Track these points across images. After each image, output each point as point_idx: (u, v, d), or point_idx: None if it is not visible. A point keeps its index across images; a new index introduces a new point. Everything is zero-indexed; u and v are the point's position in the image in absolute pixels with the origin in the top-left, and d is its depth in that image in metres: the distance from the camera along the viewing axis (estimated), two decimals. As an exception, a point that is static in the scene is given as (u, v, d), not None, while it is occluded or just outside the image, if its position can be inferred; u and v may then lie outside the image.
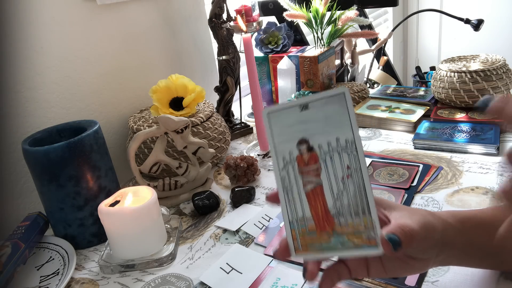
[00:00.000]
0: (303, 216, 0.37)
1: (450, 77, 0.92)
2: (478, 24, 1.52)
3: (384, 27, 2.40)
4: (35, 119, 0.75)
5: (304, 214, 0.37)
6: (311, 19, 1.14)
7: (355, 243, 0.36)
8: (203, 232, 0.67)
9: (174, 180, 0.77)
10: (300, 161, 0.37)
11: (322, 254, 0.37)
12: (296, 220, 0.37)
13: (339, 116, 0.36)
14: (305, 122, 0.36)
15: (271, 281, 0.53)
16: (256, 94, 0.86)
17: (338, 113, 0.36)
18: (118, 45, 0.90)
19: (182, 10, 1.06)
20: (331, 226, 0.37)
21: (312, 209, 0.37)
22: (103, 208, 0.59)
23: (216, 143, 0.86)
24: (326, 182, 0.37)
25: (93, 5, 0.83)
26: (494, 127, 0.82)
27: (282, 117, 0.37)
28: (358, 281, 0.51)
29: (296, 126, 0.37)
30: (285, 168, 0.37)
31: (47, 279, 0.59)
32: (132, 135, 0.84)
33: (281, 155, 0.37)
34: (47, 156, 0.61)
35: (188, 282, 0.56)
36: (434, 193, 0.67)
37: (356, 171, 0.36)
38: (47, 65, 0.77)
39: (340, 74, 1.26)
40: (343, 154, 0.36)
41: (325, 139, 0.36)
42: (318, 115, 0.36)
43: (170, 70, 1.04)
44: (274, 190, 0.39)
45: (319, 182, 0.37)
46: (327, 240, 0.37)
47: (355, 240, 0.36)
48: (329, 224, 0.37)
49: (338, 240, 0.36)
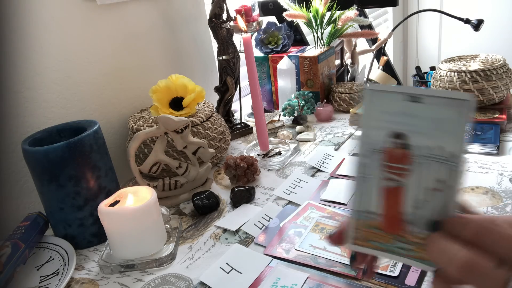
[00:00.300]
0: (373, 210, 0.34)
1: (450, 77, 0.92)
2: (478, 24, 1.52)
3: (384, 27, 2.40)
4: (35, 119, 0.75)
5: (375, 209, 0.34)
6: (311, 19, 1.14)
7: (418, 255, 0.33)
8: (203, 232, 0.67)
9: (174, 180, 0.77)
10: (389, 154, 0.33)
11: (379, 252, 0.35)
12: (364, 212, 0.34)
13: (453, 123, 0.31)
14: (410, 116, 0.32)
15: (271, 281, 0.53)
16: (256, 94, 0.86)
17: (453, 120, 0.31)
18: (118, 45, 0.90)
19: (182, 10, 1.06)
20: (400, 230, 0.34)
21: (385, 207, 0.34)
22: (103, 208, 0.59)
23: (216, 143, 0.86)
24: (412, 186, 0.33)
25: (93, 5, 0.83)
26: (494, 127, 0.82)
27: (385, 100, 0.32)
28: (358, 281, 0.51)
29: (397, 116, 0.32)
30: (370, 156, 0.33)
31: (47, 279, 0.59)
32: (132, 135, 0.84)
33: (369, 141, 0.33)
34: (47, 156, 0.61)
35: (188, 282, 0.56)
36: (434, 193, 0.67)
37: (449, 188, 0.31)
38: (47, 65, 0.77)
39: (340, 74, 1.26)
40: (442, 166, 0.31)
41: (427, 142, 0.32)
42: (429, 113, 0.31)
43: (170, 70, 1.04)
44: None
45: (403, 183, 0.33)
46: (390, 242, 0.34)
47: (419, 252, 0.33)
48: (398, 228, 0.34)
49: (402, 245, 0.33)
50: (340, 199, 0.69)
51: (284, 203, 0.71)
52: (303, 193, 0.73)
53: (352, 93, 1.08)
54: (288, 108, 1.03)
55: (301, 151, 0.91)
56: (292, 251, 0.58)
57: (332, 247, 0.57)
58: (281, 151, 0.89)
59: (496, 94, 0.88)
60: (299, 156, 0.88)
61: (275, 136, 1.01)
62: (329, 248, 0.57)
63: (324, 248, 0.58)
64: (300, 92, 1.04)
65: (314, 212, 0.66)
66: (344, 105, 1.09)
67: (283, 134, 0.98)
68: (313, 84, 1.11)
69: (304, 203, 0.69)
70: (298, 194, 0.73)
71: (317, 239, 0.60)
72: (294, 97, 1.04)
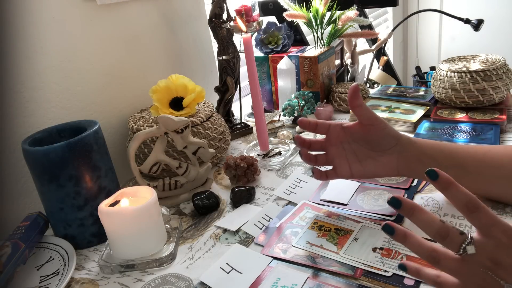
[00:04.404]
0: None
1: (450, 77, 0.92)
2: (478, 24, 1.52)
3: (384, 27, 2.40)
4: (35, 119, 0.75)
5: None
6: (311, 19, 1.14)
7: None
8: (203, 232, 0.67)
9: (174, 180, 0.77)
10: None
11: None
12: None
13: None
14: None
15: (271, 281, 0.53)
16: (256, 94, 0.86)
17: None
18: (118, 45, 0.90)
19: (182, 10, 1.06)
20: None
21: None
22: (103, 208, 0.59)
23: (216, 143, 0.86)
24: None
25: (93, 5, 0.83)
26: (494, 127, 0.82)
27: None
28: (358, 281, 0.51)
29: None
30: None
31: (47, 279, 0.59)
32: (132, 135, 0.84)
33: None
34: (47, 156, 0.61)
35: (188, 282, 0.56)
36: (434, 193, 0.67)
37: None
38: (47, 65, 0.77)
39: (340, 74, 1.26)
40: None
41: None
42: None
43: (170, 70, 1.04)
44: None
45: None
46: None
47: None
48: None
49: None
50: (340, 199, 0.69)
51: (284, 203, 0.71)
52: (303, 193, 0.73)
53: (352, 93, 1.08)
54: (288, 108, 1.03)
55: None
56: (289, 251, 0.58)
57: (328, 245, 0.57)
58: (281, 151, 0.89)
59: (496, 94, 0.88)
60: (299, 156, 0.88)
61: (275, 136, 1.01)
62: (326, 245, 0.57)
63: (321, 245, 0.58)
64: (300, 92, 1.04)
65: (309, 212, 0.66)
66: (344, 105, 1.09)
67: (283, 134, 0.98)
68: (313, 84, 1.11)
69: (300, 203, 0.69)
70: (298, 194, 0.73)
71: (315, 236, 0.60)
72: (294, 97, 1.04)
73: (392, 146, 0.60)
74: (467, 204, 0.37)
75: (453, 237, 0.38)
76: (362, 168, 0.62)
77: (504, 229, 0.36)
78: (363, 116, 0.60)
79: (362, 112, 0.59)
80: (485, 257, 0.37)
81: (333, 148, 0.64)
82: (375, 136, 0.60)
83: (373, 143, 0.61)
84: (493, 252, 0.37)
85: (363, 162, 0.62)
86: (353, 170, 0.62)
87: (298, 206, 0.68)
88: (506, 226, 0.37)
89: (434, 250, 0.39)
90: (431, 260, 0.39)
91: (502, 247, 0.36)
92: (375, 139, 0.60)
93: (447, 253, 0.39)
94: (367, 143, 0.61)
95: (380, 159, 0.61)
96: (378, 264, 0.53)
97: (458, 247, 0.37)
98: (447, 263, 0.38)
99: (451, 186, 0.38)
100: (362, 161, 0.62)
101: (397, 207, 0.40)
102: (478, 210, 0.37)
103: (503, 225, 0.36)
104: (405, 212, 0.40)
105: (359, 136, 0.61)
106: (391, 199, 0.40)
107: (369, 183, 0.72)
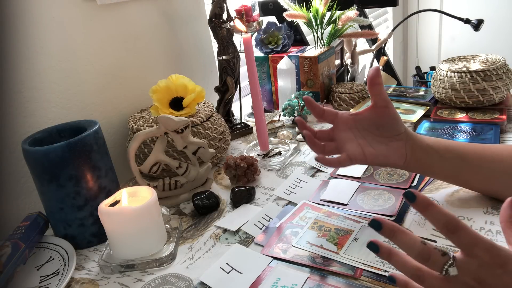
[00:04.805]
0: None
1: (450, 77, 0.92)
2: (478, 24, 1.52)
3: (384, 27, 2.40)
4: (35, 119, 0.75)
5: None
6: (311, 19, 1.14)
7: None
8: (203, 232, 0.67)
9: (174, 180, 0.77)
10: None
11: None
12: None
13: None
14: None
15: (271, 281, 0.53)
16: (256, 94, 0.86)
17: None
18: (118, 45, 0.90)
19: (182, 10, 1.06)
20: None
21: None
22: (103, 208, 0.59)
23: (216, 143, 0.86)
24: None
25: (93, 5, 0.83)
26: (494, 127, 0.82)
27: None
28: (358, 281, 0.51)
29: None
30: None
31: (47, 279, 0.59)
32: (132, 135, 0.84)
33: None
34: (47, 156, 0.61)
35: (188, 282, 0.56)
36: (434, 193, 0.67)
37: None
38: (47, 65, 0.77)
39: (340, 74, 1.26)
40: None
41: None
42: None
43: (170, 70, 1.04)
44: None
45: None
46: None
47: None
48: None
49: None
50: (340, 199, 0.69)
51: (284, 203, 0.71)
52: (303, 193, 0.73)
53: (352, 93, 1.08)
54: (288, 108, 1.03)
55: (301, 151, 0.91)
56: (289, 251, 0.58)
57: (328, 245, 0.57)
58: (281, 151, 0.89)
59: (496, 94, 0.89)
60: (299, 156, 0.88)
61: (275, 136, 1.01)
62: (326, 245, 0.57)
63: (321, 245, 0.58)
64: (300, 92, 1.04)
65: (309, 212, 0.66)
66: (344, 105, 1.09)
67: (283, 134, 0.98)
68: (313, 84, 1.11)
69: (300, 203, 0.69)
70: (298, 194, 0.73)
71: (315, 236, 0.60)
72: (294, 97, 1.04)
73: (401, 132, 0.60)
74: (447, 224, 0.37)
75: (435, 259, 0.37)
76: (374, 151, 0.61)
77: (486, 248, 0.36)
78: (380, 96, 0.58)
79: (381, 91, 0.58)
80: (469, 277, 0.36)
81: (342, 133, 0.62)
82: (388, 119, 0.59)
83: (384, 128, 0.60)
84: (477, 272, 0.36)
85: (374, 146, 0.61)
86: (366, 152, 0.61)
87: (298, 206, 0.68)
88: (488, 244, 0.36)
89: (419, 269, 0.38)
90: (416, 278, 0.39)
91: (486, 266, 0.36)
92: (387, 122, 0.59)
93: (431, 273, 0.38)
94: (378, 128, 0.60)
95: (391, 144, 0.60)
96: (378, 264, 0.53)
97: (441, 268, 0.37)
98: (432, 282, 0.38)
99: (430, 207, 0.37)
100: (373, 145, 0.61)
101: (377, 229, 0.39)
102: (458, 230, 0.36)
103: (485, 244, 0.36)
104: (385, 234, 0.39)
105: (370, 121, 0.60)
106: (372, 221, 0.39)
107: (369, 183, 0.72)
